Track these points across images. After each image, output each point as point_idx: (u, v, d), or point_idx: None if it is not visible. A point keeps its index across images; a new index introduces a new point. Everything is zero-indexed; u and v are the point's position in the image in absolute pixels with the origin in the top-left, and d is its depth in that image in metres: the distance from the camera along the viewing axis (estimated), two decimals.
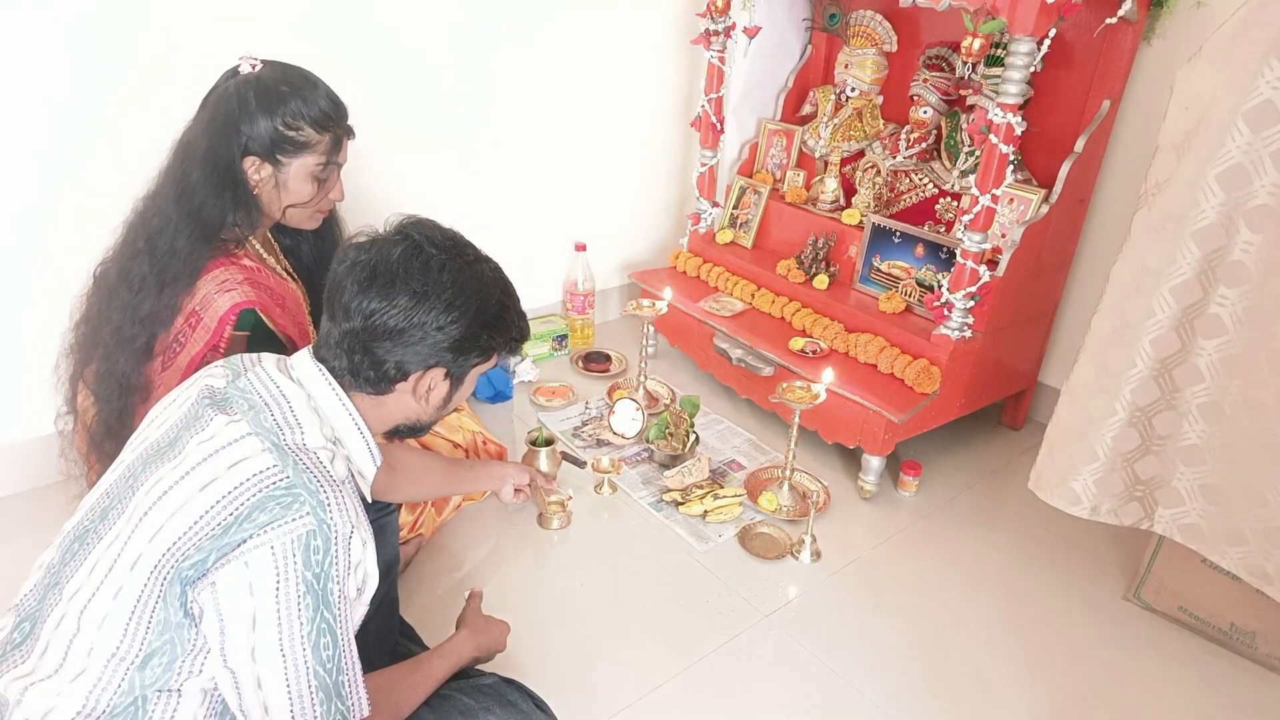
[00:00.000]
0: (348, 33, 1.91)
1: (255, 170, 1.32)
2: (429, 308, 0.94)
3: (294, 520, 0.82)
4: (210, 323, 1.30)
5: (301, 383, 0.97)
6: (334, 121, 1.36)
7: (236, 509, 0.82)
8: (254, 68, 1.32)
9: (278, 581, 0.81)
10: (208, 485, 0.84)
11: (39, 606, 0.90)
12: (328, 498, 0.85)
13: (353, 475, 0.98)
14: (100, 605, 0.84)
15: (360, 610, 0.93)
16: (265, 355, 1.02)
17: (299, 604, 0.82)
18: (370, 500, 1.03)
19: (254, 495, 0.83)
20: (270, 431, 0.88)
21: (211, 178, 1.30)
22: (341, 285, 0.95)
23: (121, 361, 1.30)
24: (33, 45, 1.56)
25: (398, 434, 1.08)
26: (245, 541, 0.81)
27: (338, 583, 0.85)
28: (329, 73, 1.39)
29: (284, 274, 1.46)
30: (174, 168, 1.33)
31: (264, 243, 1.44)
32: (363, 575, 0.90)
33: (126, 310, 1.29)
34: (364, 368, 0.96)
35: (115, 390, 1.31)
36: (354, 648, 0.89)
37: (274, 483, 0.84)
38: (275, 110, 1.30)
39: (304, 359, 0.99)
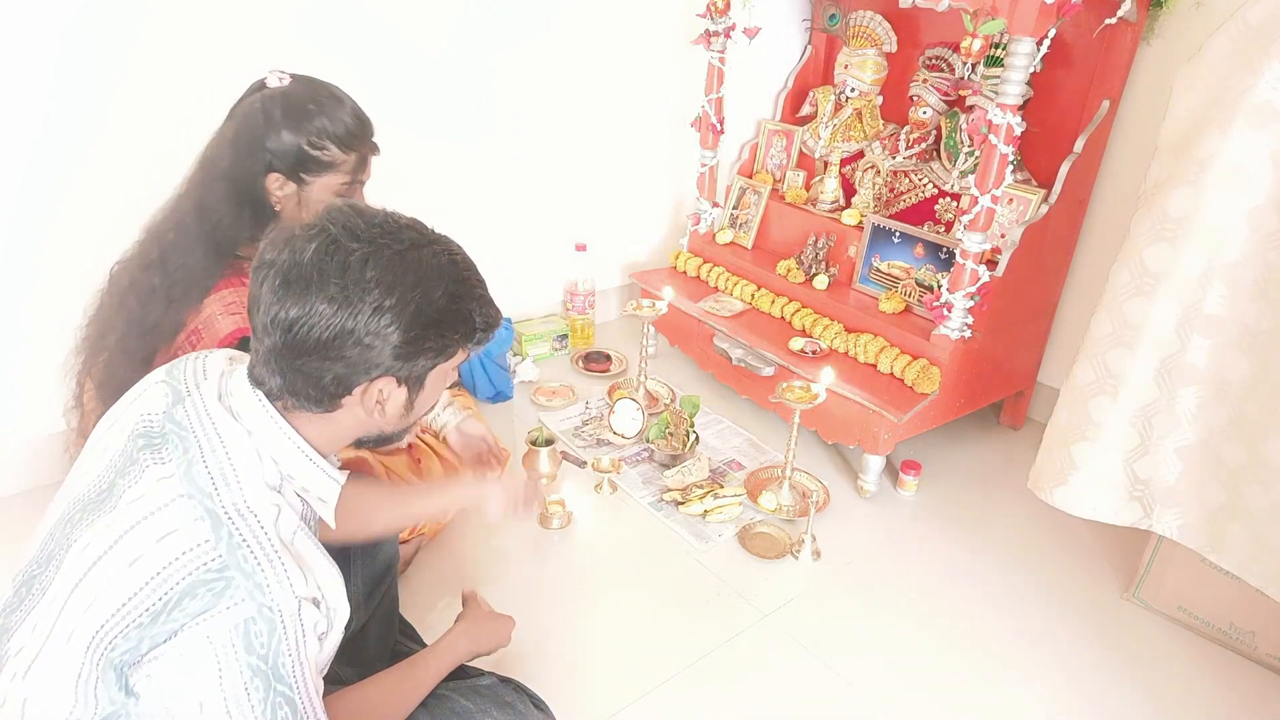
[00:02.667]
0: (347, 33, 1.91)
1: (278, 187, 1.30)
2: (354, 312, 0.81)
3: (229, 609, 0.75)
4: (210, 344, 1.28)
5: (239, 416, 0.86)
6: (360, 140, 1.33)
7: (165, 594, 0.75)
8: (281, 81, 1.30)
9: (220, 671, 0.75)
10: (135, 561, 0.76)
11: None
12: (266, 576, 0.77)
13: (307, 504, 0.90)
14: (44, 670, 0.78)
15: (332, 643, 0.87)
16: (210, 366, 0.92)
17: (246, 689, 0.76)
18: (334, 526, 0.95)
19: (183, 579, 0.75)
20: (203, 492, 0.79)
21: (232, 194, 1.28)
22: (256, 296, 0.83)
23: (121, 371, 1.28)
24: (31, 45, 1.56)
25: (364, 445, 0.98)
26: (178, 633, 0.74)
27: (290, 655, 0.78)
28: (328, 73, 1.39)
29: None
30: (196, 180, 1.31)
31: None
32: (326, 624, 0.84)
33: (132, 321, 1.28)
34: (299, 385, 0.85)
35: (114, 398, 1.30)
36: (315, 700, 0.83)
37: (205, 564, 0.76)
38: (301, 127, 1.27)
39: (240, 384, 0.88)
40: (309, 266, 0.80)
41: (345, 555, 1.39)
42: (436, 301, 0.85)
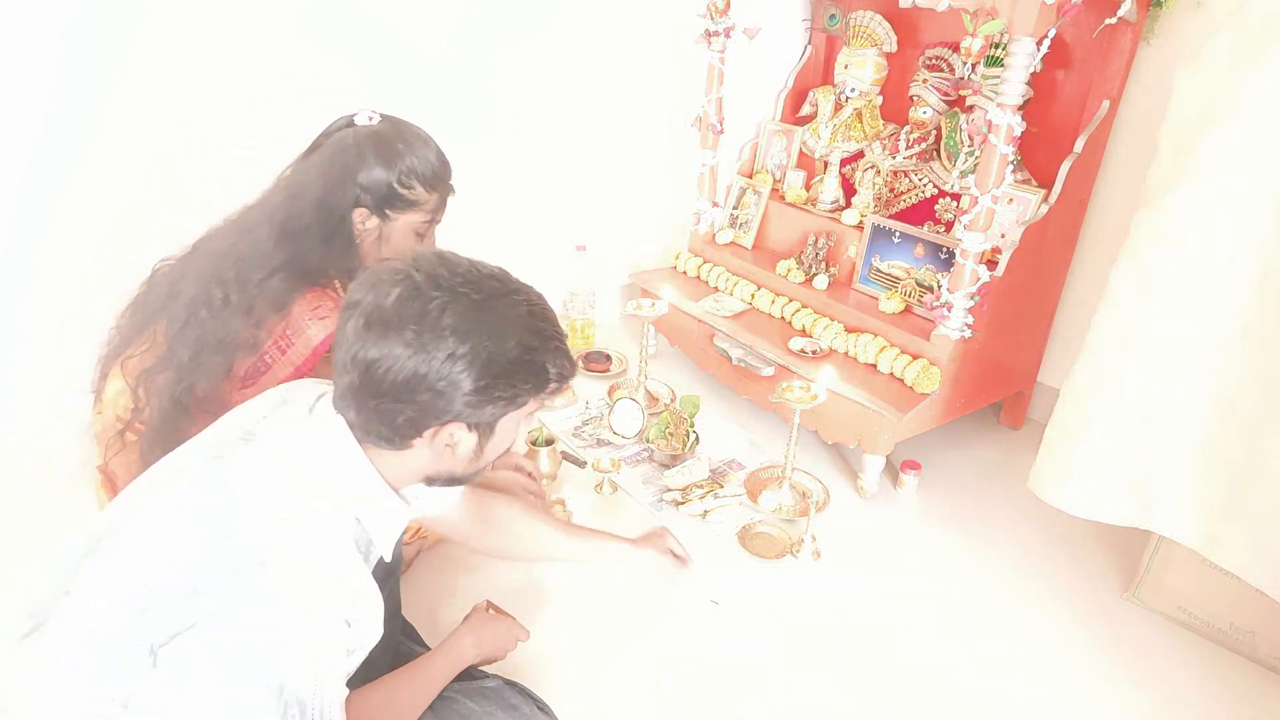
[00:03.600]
0: (347, 32, 1.91)
1: (362, 221, 1.34)
2: (429, 358, 0.83)
3: (255, 610, 0.77)
4: (303, 350, 1.30)
5: (322, 436, 0.90)
6: (443, 181, 1.39)
7: (205, 573, 0.78)
8: (372, 120, 1.35)
9: (234, 669, 0.76)
10: (196, 524, 0.81)
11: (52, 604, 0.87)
12: (296, 585, 0.79)
13: (362, 528, 0.92)
14: (90, 625, 0.81)
15: (359, 659, 0.89)
16: (303, 389, 0.97)
17: (257, 691, 0.77)
18: (389, 559, 0.98)
19: (225, 562, 0.78)
20: (272, 505, 0.83)
21: (323, 225, 1.31)
22: (341, 333, 0.87)
23: (200, 383, 1.27)
24: (31, 45, 1.56)
25: (434, 484, 1.00)
26: (204, 620, 0.76)
27: (305, 667, 0.79)
28: (328, 72, 1.39)
29: None
30: (278, 206, 1.33)
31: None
32: (357, 643, 0.86)
33: (208, 335, 1.28)
34: (373, 423, 0.88)
35: (181, 409, 1.28)
36: (327, 710, 0.82)
37: (249, 556, 0.79)
38: (392, 166, 1.32)
39: (327, 409, 0.92)
40: (390, 311, 0.84)
41: None
42: (509, 351, 0.87)
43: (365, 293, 0.86)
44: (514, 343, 0.88)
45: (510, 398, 0.90)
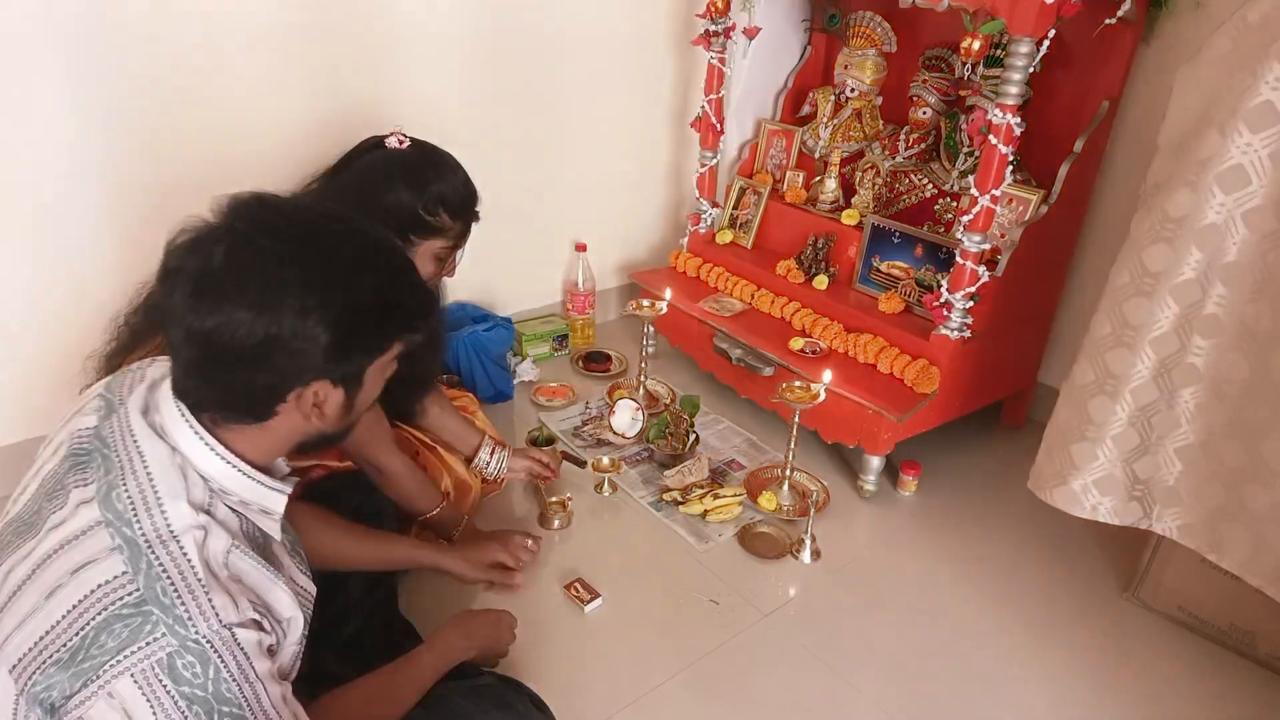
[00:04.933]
0: (347, 32, 1.91)
1: None
2: (276, 317, 0.75)
3: (147, 644, 0.71)
4: None
5: (164, 432, 0.81)
6: (468, 209, 1.40)
7: (82, 629, 0.71)
8: (401, 144, 1.36)
9: (152, 706, 0.71)
10: (53, 593, 0.73)
11: None
12: (187, 608, 0.73)
13: (245, 519, 0.85)
14: None
15: (290, 651, 0.84)
16: (151, 373, 0.88)
17: (186, 716, 0.72)
18: (284, 532, 0.92)
19: (99, 614, 0.72)
20: (122, 519, 0.75)
21: None
22: (167, 307, 0.77)
23: None
24: (30, 44, 1.56)
25: (306, 450, 0.92)
26: (101, 673, 0.70)
27: (233, 679, 0.74)
28: (327, 71, 1.39)
29: None
30: None
31: None
32: (275, 638, 0.81)
33: None
34: (227, 398, 0.80)
35: None
36: (277, 708, 0.79)
37: (121, 600, 0.72)
38: (420, 191, 1.33)
39: (166, 399, 0.82)
40: (221, 272, 0.75)
41: None
42: (365, 295, 0.80)
43: (184, 258, 0.76)
44: (368, 285, 0.80)
45: (374, 344, 0.84)
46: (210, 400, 0.81)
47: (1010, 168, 1.70)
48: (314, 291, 0.76)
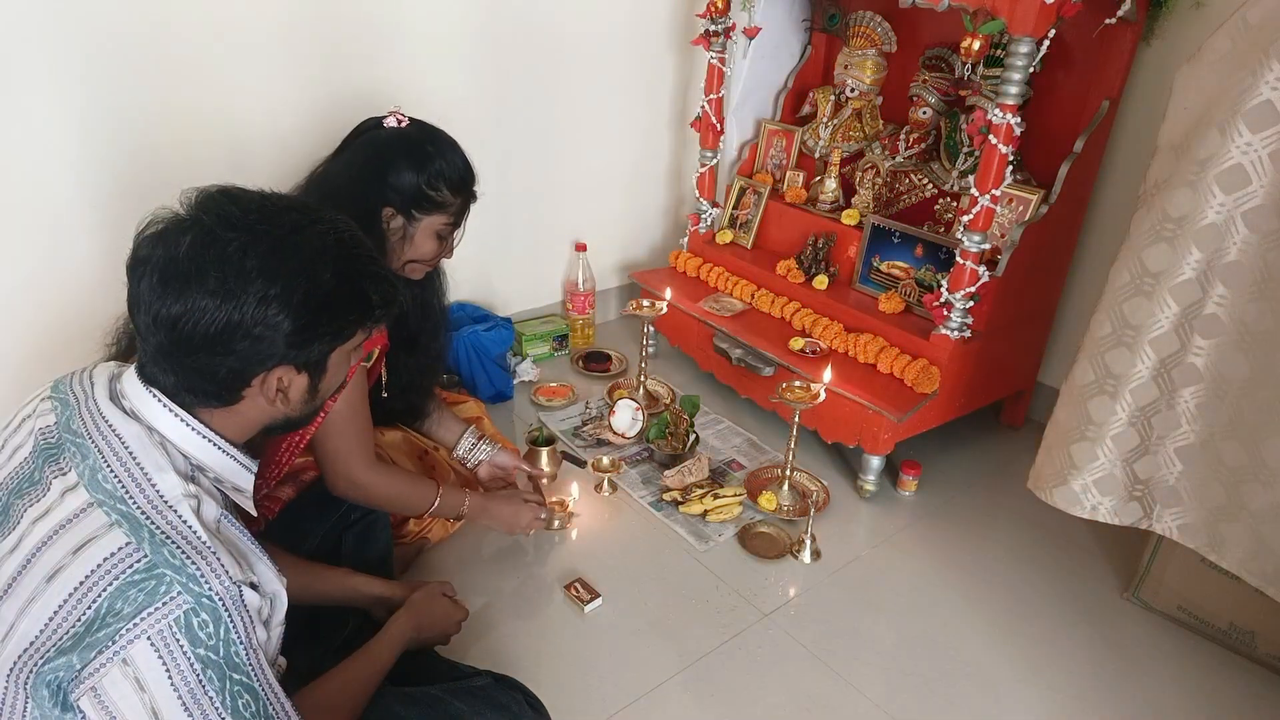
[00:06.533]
0: (346, 32, 1.91)
1: (388, 220, 1.36)
2: (239, 305, 0.78)
3: (164, 603, 0.72)
4: None
5: (138, 414, 0.83)
6: (468, 186, 1.42)
7: (94, 602, 0.72)
8: (400, 123, 1.38)
9: (168, 671, 0.72)
10: (54, 575, 0.74)
11: None
12: (198, 567, 0.74)
13: (225, 496, 0.88)
14: None
15: (277, 631, 0.85)
16: (99, 375, 0.89)
17: (201, 682, 0.73)
18: (255, 514, 0.95)
19: (110, 584, 0.72)
20: (114, 497, 0.77)
21: (357, 221, 1.32)
22: (135, 295, 0.81)
23: None
24: (30, 45, 1.56)
25: (273, 432, 0.95)
26: (116, 639, 0.71)
27: (241, 641, 0.76)
28: (326, 70, 1.39)
29: None
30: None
31: None
32: (269, 608, 0.82)
33: None
34: (195, 382, 0.83)
35: None
36: (274, 685, 0.81)
37: (130, 567, 0.73)
38: (422, 168, 1.35)
39: (133, 384, 0.85)
40: (185, 261, 0.78)
41: (335, 551, 1.40)
42: (325, 284, 0.83)
43: (152, 247, 0.80)
44: (328, 273, 0.83)
45: (335, 331, 0.87)
46: (177, 384, 0.84)
47: (1010, 168, 1.70)
48: (275, 280, 0.80)
